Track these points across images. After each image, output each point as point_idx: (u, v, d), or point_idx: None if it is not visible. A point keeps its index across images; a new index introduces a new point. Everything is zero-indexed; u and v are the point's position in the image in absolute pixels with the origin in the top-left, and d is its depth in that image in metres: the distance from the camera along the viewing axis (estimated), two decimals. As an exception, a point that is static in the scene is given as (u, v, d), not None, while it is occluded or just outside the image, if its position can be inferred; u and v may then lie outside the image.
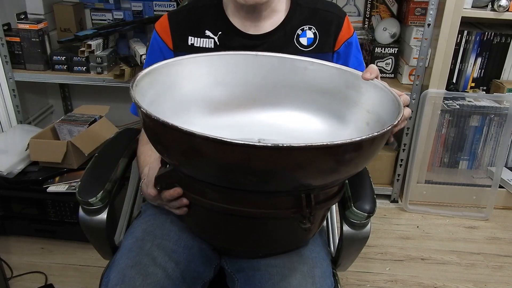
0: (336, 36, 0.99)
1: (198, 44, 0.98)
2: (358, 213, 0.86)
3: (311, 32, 0.99)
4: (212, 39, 0.98)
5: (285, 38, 0.98)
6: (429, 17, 1.72)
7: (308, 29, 0.99)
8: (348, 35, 1.00)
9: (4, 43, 1.83)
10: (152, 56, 1.02)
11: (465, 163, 2.01)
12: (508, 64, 1.90)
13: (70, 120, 1.74)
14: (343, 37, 0.99)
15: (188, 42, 0.98)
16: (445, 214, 1.99)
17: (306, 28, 0.99)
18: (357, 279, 1.62)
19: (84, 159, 1.66)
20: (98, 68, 1.89)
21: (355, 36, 1.02)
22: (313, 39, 0.99)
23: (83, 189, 0.89)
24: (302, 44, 0.98)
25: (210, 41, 0.98)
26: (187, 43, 0.99)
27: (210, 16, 0.98)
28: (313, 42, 0.99)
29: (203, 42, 0.98)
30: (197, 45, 0.98)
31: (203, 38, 0.98)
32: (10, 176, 1.61)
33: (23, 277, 1.55)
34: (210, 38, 0.98)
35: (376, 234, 1.84)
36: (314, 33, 0.99)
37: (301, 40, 0.98)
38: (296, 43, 0.98)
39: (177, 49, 0.99)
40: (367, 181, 0.94)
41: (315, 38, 0.99)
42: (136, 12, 2.07)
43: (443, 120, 1.91)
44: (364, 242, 0.90)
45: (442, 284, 1.61)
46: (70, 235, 1.69)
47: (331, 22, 0.99)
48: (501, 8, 1.69)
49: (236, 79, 0.90)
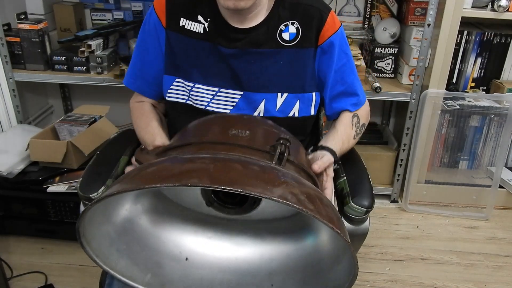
0: (318, 30, 0.99)
1: (188, 27, 1.00)
2: (357, 209, 0.87)
3: (294, 27, 0.99)
4: (203, 24, 0.99)
5: (268, 34, 0.98)
6: (429, 17, 1.72)
7: (291, 24, 0.99)
8: (333, 30, 0.99)
9: (4, 43, 1.83)
10: (144, 31, 1.04)
11: (465, 163, 2.01)
12: (508, 64, 1.90)
13: (70, 120, 1.74)
14: (327, 32, 0.99)
15: (180, 23, 1.00)
16: (445, 214, 1.99)
17: (289, 23, 0.99)
18: (357, 279, 1.61)
19: (84, 159, 1.66)
20: (98, 68, 1.89)
21: (341, 31, 1.02)
22: (296, 34, 0.99)
23: (85, 185, 0.90)
24: (284, 39, 0.99)
25: (200, 26, 0.99)
26: (178, 24, 1.00)
27: (205, 3, 0.99)
28: (296, 37, 0.99)
29: (194, 26, 1.00)
30: (188, 27, 1.00)
31: (195, 22, 1.00)
32: (10, 176, 1.61)
33: (23, 277, 1.55)
34: (201, 23, 0.99)
35: (376, 234, 1.84)
36: (296, 28, 0.99)
37: (284, 35, 0.99)
38: (278, 38, 0.99)
39: (169, 28, 1.01)
40: (365, 177, 0.95)
41: (297, 33, 0.99)
42: (136, 12, 2.08)
43: (443, 120, 1.91)
44: (363, 238, 0.90)
45: (442, 284, 1.61)
46: (70, 235, 1.68)
47: (313, 17, 0.99)
48: (501, 8, 1.69)
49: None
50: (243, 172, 0.63)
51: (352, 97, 1.06)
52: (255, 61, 0.98)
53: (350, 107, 1.06)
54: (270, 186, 0.60)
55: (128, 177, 0.65)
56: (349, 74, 1.05)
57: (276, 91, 0.99)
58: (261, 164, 0.67)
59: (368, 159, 1.90)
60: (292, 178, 0.66)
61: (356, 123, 1.07)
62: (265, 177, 0.63)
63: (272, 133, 0.87)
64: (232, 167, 0.64)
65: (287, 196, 0.59)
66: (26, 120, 2.05)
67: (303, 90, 1.01)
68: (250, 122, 0.88)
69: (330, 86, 1.03)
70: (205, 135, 0.85)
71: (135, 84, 1.10)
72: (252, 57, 0.98)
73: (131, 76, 1.10)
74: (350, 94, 1.06)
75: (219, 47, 0.98)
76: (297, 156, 0.81)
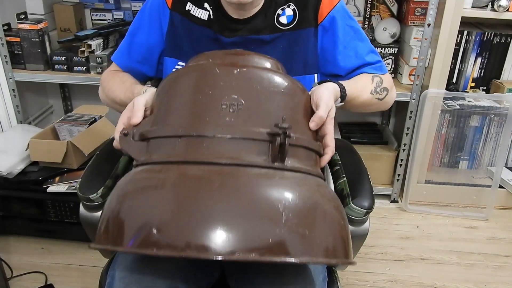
0: (316, 8, 0.97)
1: (194, 12, 1.00)
2: (357, 210, 0.86)
3: (290, 9, 0.98)
4: (208, 12, 0.99)
5: (266, 20, 0.98)
6: (429, 17, 1.72)
7: (287, 7, 0.98)
8: (331, 5, 0.97)
9: (4, 43, 1.83)
10: (144, 11, 1.03)
11: (465, 163, 2.01)
12: (508, 64, 1.90)
13: (70, 120, 1.74)
14: (326, 8, 0.97)
15: (186, 7, 1.00)
16: (445, 214, 1.99)
17: (286, 6, 0.98)
18: (357, 279, 1.62)
19: (84, 159, 1.66)
20: (98, 68, 1.89)
21: (340, 4, 0.99)
22: (293, 16, 0.98)
23: (84, 185, 0.90)
24: (282, 23, 0.98)
25: (206, 13, 1.00)
26: (184, 8, 1.00)
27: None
28: (293, 20, 0.98)
29: (199, 13, 1.00)
30: (193, 13, 1.00)
31: (200, 9, 1.00)
32: (10, 176, 1.61)
33: (23, 277, 1.55)
34: (206, 10, 1.00)
35: (376, 234, 1.84)
36: (293, 10, 0.98)
37: (281, 19, 0.98)
38: (276, 23, 0.98)
39: (174, 9, 1.00)
40: (365, 178, 0.94)
41: (294, 15, 0.98)
42: (136, 12, 2.07)
43: (443, 120, 1.91)
44: (363, 239, 0.90)
45: (442, 284, 1.61)
46: (70, 235, 1.68)
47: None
48: (501, 8, 1.69)
49: None
50: (229, 210, 0.57)
51: (371, 66, 1.01)
52: (255, 48, 0.97)
53: (368, 70, 1.01)
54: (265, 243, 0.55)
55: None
56: (363, 48, 1.00)
57: None
58: (255, 191, 0.60)
59: (368, 159, 1.90)
60: (292, 201, 0.60)
61: (378, 82, 1.00)
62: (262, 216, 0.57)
63: (273, 95, 0.71)
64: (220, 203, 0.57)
65: (287, 249, 0.56)
66: (26, 120, 2.05)
67: (304, 72, 1.00)
68: (244, 79, 0.70)
69: (342, 62, 1.00)
70: (193, 115, 0.69)
71: (122, 61, 1.08)
72: (252, 44, 0.98)
73: (121, 52, 1.08)
74: (369, 64, 1.01)
75: (219, 35, 0.99)
76: (298, 127, 0.72)
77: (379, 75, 1.02)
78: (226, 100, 0.67)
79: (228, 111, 0.66)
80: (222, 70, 0.70)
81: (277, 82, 0.72)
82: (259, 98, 0.69)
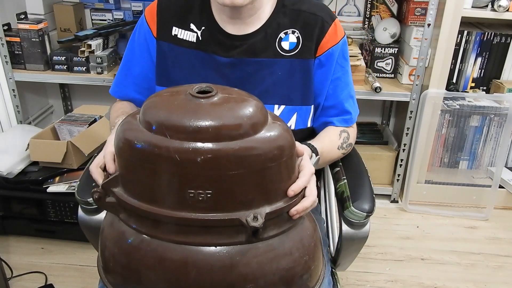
0: (318, 41, 0.94)
1: (181, 36, 0.97)
2: (357, 213, 0.86)
3: (294, 36, 0.94)
4: (195, 33, 0.96)
5: (266, 41, 0.94)
6: (429, 17, 1.72)
7: (292, 33, 0.94)
8: (334, 42, 0.95)
9: (4, 43, 1.83)
10: (133, 40, 1.01)
11: (465, 163, 2.01)
12: (508, 64, 1.90)
13: (70, 120, 1.74)
14: (328, 43, 0.94)
15: (172, 32, 0.97)
16: (445, 214, 1.99)
17: (290, 31, 0.94)
18: (357, 279, 1.62)
19: (84, 159, 1.66)
20: (98, 68, 1.89)
21: (342, 43, 0.96)
22: (296, 43, 0.94)
23: (82, 188, 0.89)
24: (284, 49, 0.94)
25: (193, 35, 0.96)
26: (170, 33, 0.97)
27: (197, 9, 0.96)
28: (296, 47, 0.94)
29: (187, 35, 0.96)
30: (180, 36, 0.97)
31: (187, 31, 0.97)
32: (10, 176, 1.61)
33: (23, 277, 1.55)
34: (193, 32, 0.96)
35: (376, 234, 1.84)
36: (297, 37, 0.94)
37: (283, 44, 0.94)
38: (277, 47, 0.94)
39: (160, 38, 0.98)
40: (366, 181, 0.94)
41: (298, 43, 0.94)
42: (136, 12, 2.07)
43: (443, 120, 1.91)
44: (363, 241, 0.90)
45: (442, 284, 1.61)
46: (70, 235, 1.69)
47: (314, 26, 0.94)
48: (501, 8, 1.69)
49: None
50: None
51: (342, 114, 1.00)
52: (252, 70, 0.94)
53: (338, 122, 1.00)
54: None
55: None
56: (342, 89, 0.99)
57: (273, 103, 0.94)
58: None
59: (368, 159, 1.89)
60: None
61: (345, 138, 1.00)
62: None
63: (244, 176, 0.62)
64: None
65: None
66: (26, 120, 2.05)
67: (301, 103, 0.96)
68: (210, 168, 0.61)
69: (325, 98, 0.99)
70: (156, 194, 0.63)
71: (119, 93, 1.06)
72: (249, 66, 0.94)
73: (117, 85, 1.06)
74: (340, 111, 1.00)
75: (214, 56, 0.94)
76: (273, 195, 0.66)
77: (346, 130, 1.00)
78: (193, 189, 0.61)
79: (197, 199, 0.61)
80: (184, 159, 0.60)
81: (249, 160, 0.61)
82: (228, 184, 0.62)
